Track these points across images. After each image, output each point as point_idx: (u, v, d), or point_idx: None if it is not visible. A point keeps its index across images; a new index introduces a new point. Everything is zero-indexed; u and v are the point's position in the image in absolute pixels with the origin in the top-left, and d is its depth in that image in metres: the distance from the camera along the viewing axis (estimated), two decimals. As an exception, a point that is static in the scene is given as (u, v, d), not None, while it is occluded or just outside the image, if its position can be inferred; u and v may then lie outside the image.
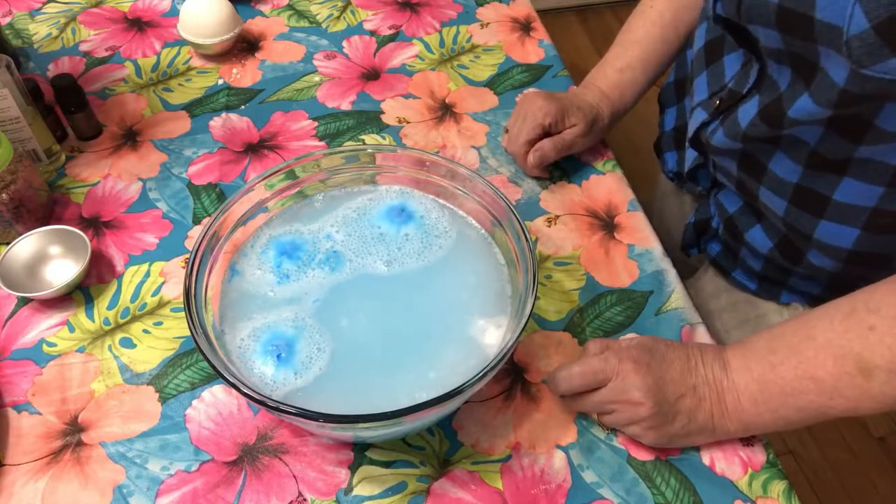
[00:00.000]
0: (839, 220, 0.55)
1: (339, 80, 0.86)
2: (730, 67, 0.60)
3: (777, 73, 0.52)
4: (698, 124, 0.64)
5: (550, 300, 0.66)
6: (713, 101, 0.62)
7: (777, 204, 0.58)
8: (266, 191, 0.58)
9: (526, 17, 0.97)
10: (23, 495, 0.53)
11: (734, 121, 0.57)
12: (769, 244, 0.64)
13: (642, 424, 0.54)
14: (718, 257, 0.73)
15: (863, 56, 0.42)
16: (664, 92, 0.79)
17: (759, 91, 0.55)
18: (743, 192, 0.63)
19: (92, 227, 0.70)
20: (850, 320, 0.48)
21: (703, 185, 0.73)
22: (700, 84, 0.65)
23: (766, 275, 0.68)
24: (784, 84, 0.51)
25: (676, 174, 0.77)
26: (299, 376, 0.51)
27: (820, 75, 0.46)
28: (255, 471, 0.55)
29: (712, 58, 0.63)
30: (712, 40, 0.63)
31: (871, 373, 0.46)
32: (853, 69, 0.43)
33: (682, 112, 0.76)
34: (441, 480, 0.55)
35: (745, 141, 0.57)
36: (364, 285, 0.56)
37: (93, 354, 0.61)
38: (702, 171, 0.71)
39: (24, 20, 0.92)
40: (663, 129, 0.80)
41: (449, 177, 0.60)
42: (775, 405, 0.51)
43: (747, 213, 0.65)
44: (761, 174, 0.58)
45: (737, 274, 0.72)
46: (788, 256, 0.62)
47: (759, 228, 0.64)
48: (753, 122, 0.55)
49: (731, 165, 0.62)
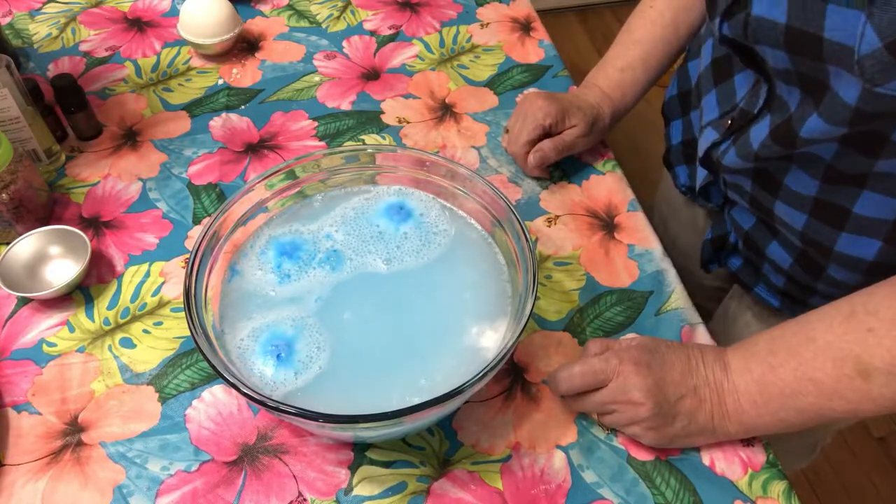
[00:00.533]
0: (860, 233, 0.54)
1: (339, 80, 0.86)
2: (740, 87, 0.59)
3: (787, 93, 0.52)
4: (709, 144, 0.63)
5: (550, 300, 0.66)
6: (724, 122, 0.61)
7: (796, 218, 0.57)
8: (266, 191, 0.58)
9: (526, 17, 0.97)
10: (23, 495, 0.53)
11: (746, 141, 0.56)
12: (789, 259, 0.62)
13: (642, 425, 0.54)
14: (740, 272, 0.71)
15: (876, 75, 0.41)
16: (668, 105, 0.79)
17: (771, 111, 0.54)
18: (757, 208, 0.62)
19: (92, 227, 0.70)
20: (849, 322, 0.48)
21: (716, 202, 0.72)
22: (709, 103, 0.64)
23: (789, 292, 0.66)
24: (794, 104, 0.51)
25: (689, 188, 0.76)
26: (299, 376, 0.51)
27: (829, 95, 0.46)
28: (255, 471, 0.55)
29: (721, 76, 0.62)
30: (720, 58, 0.62)
31: (870, 375, 0.46)
32: (865, 88, 0.42)
33: (689, 125, 0.75)
34: (441, 480, 0.55)
35: (757, 161, 0.56)
36: (364, 285, 0.56)
37: (93, 354, 0.61)
38: (713, 189, 0.70)
39: (24, 20, 0.92)
40: (670, 142, 0.79)
41: (449, 177, 0.60)
42: (775, 407, 0.51)
43: (762, 228, 0.64)
44: (777, 190, 0.58)
45: (759, 289, 0.70)
46: (809, 271, 0.61)
47: (777, 244, 0.63)
48: (765, 143, 0.54)
49: (744, 182, 0.61)
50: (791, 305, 0.68)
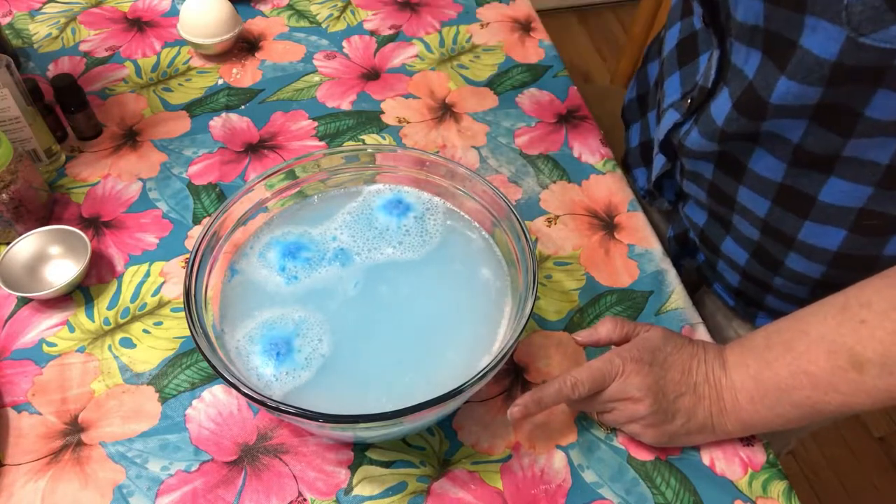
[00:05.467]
0: (825, 222, 0.53)
1: (339, 80, 0.86)
2: (703, 65, 0.58)
3: (743, 59, 0.50)
4: (670, 125, 0.62)
5: (550, 300, 0.66)
6: (685, 101, 0.60)
7: (759, 205, 0.56)
8: (266, 191, 0.58)
9: (526, 17, 0.97)
10: (23, 495, 0.53)
11: (708, 118, 0.55)
12: (744, 255, 0.62)
13: (641, 422, 0.54)
14: (701, 268, 0.71)
15: (863, 22, 0.40)
16: (627, 109, 0.78)
17: (726, 82, 0.53)
18: (716, 198, 0.61)
19: (92, 227, 0.70)
20: (842, 315, 0.47)
21: (668, 197, 0.71)
22: (672, 84, 0.62)
23: (744, 291, 0.66)
24: (751, 70, 0.49)
25: (647, 192, 0.76)
26: (299, 376, 0.51)
27: (799, 53, 0.44)
28: (255, 471, 0.55)
29: (686, 58, 0.61)
30: (685, 39, 0.61)
31: (864, 367, 0.46)
32: (850, 38, 0.41)
33: (647, 126, 0.74)
34: (441, 480, 0.55)
35: (722, 139, 0.55)
36: (363, 285, 0.56)
37: (93, 354, 0.61)
38: (667, 182, 0.69)
39: (24, 20, 0.92)
40: (629, 145, 0.78)
41: (449, 177, 0.60)
42: (771, 402, 0.51)
43: (716, 225, 0.64)
44: (741, 174, 0.56)
45: (717, 287, 0.70)
46: (766, 265, 0.60)
47: (731, 240, 0.62)
48: (731, 117, 0.52)
49: (705, 169, 0.60)
50: (744, 306, 0.68)
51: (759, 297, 0.65)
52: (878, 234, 0.53)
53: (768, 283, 0.62)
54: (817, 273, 0.57)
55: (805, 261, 0.57)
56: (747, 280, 0.64)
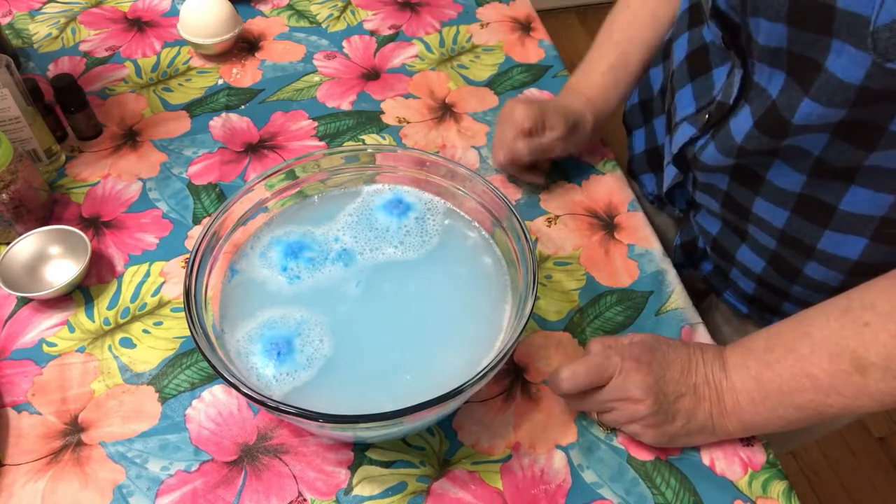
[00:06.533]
0: (845, 230, 0.52)
1: (339, 80, 0.86)
2: (718, 81, 0.57)
3: (766, 79, 0.50)
4: (686, 139, 0.61)
5: (550, 300, 0.66)
6: (702, 116, 0.59)
7: (777, 215, 0.56)
8: (266, 191, 0.58)
9: (526, 17, 0.97)
10: (23, 495, 0.53)
11: (727, 135, 0.54)
12: (761, 263, 0.61)
13: (641, 423, 0.54)
14: (710, 276, 0.71)
15: (890, 48, 0.39)
16: (629, 114, 0.78)
17: (748, 100, 0.52)
18: (730, 208, 0.60)
19: (92, 227, 0.70)
20: (845, 317, 0.47)
21: (679, 206, 0.71)
22: (685, 97, 0.62)
23: (759, 297, 0.65)
24: (775, 90, 0.49)
25: (657, 197, 0.75)
26: (299, 376, 0.51)
27: (823, 76, 0.44)
28: (255, 471, 0.55)
29: (698, 71, 0.60)
30: (696, 52, 0.60)
31: (867, 370, 0.46)
32: (876, 63, 0.40)
33: (653, 133, 0.74)
34: (441, 480, 0.55)
35: (740, 155, 0.54)
36: (363, 285, 0.56)
37: (93, 354, 0.61)
38: (678, 192, 0.69)
39: (24, 20, 0.92)
40: (633, 151, 0.78)
41: (449, 177, 0.60)
42: (773, 404, 0.51)
43: (730, 233, 0.63)
44: (758, 186, 0.56)
45: (727, 295, 0.70)
46: (784, 273, 0.59)
47: (746, 248, 0.62)
48: (751, 135, 0.52)
49: (720, 181, 0.59)
50: (760, 312, 0.67)
51: (775, 303, 0.64)
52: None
53: (785, 291, 0.61)
54: (836, 281, 0.56)
55: (824, 269, 0.56)
56: (763, 287, 0.63)
